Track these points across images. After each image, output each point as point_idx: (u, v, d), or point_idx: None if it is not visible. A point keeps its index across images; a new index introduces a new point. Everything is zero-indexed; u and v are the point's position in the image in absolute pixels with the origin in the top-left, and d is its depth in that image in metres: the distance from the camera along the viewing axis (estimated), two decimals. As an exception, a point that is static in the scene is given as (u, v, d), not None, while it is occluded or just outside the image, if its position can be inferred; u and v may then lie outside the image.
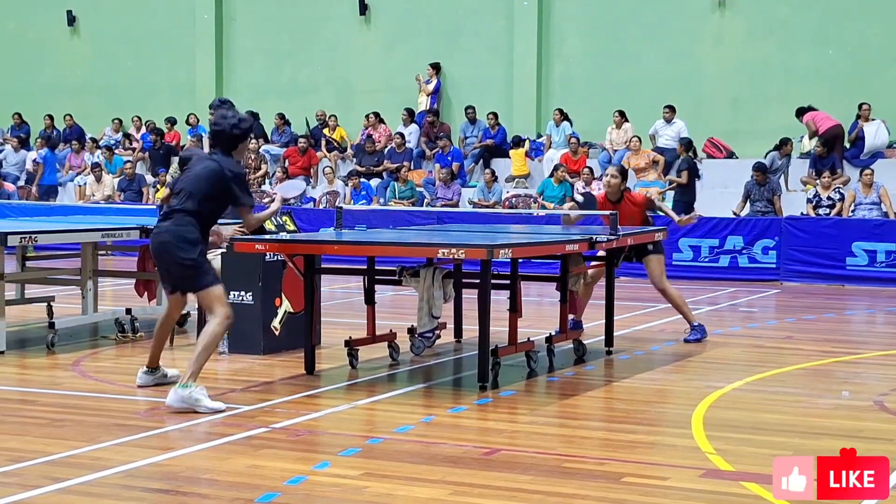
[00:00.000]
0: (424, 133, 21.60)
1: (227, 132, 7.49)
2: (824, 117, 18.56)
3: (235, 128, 7.49)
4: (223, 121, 7.52)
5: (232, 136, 7.49)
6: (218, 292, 7.44)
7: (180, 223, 7.38)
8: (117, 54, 24.99)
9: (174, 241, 7.35)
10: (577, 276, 9.42)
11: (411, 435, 6.62)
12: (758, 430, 6.85)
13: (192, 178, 7.47)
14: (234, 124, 7.49)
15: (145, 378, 7.95)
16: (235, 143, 7.52)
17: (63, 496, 5.32)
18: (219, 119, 7.57)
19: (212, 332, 7.33)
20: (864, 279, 15.87)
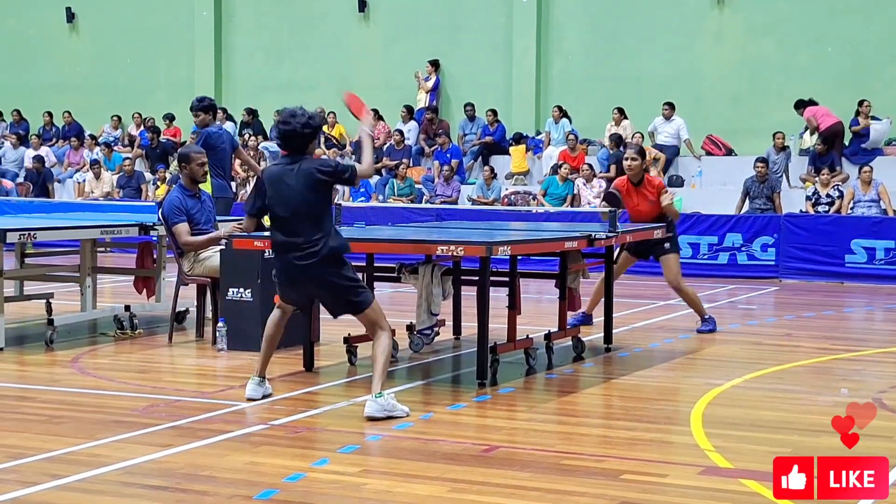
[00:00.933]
0: (423, 130, 21.60)
1: (300, 132, 7.20)
2: (825, 113, 18.54)
3: (307, 126, 7.21)
4: (293, 119, 7.19)
5: (304, 135, 7.21)
6: (378, 307, 7.31)
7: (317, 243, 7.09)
8: (116, 51, 24.99)
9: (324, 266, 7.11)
10: (575, 273, 9.42)
11: (410, 432, 6.62)
12: (757, 427, 6.85)
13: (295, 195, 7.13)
14: (304, 123, 7.20)
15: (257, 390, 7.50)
16: (307, 142, 7.26)
17: (62, 493, 5.32)
18: (288, 118, 7.23)
19: (388, 346, 7.18)
20: (863, 276, 15.88)
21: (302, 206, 7.13)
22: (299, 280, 7.24)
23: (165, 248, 10.78)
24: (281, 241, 7.23)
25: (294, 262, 7.16)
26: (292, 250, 7.16)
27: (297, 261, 7.14)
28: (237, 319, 9.38)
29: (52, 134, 24.69)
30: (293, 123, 7.20)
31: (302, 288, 7.32)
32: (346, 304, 7.27)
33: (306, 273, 7.16)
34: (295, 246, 7.15)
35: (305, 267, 7.13)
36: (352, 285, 7.22)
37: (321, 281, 7.17)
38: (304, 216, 7.13)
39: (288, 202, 7.17)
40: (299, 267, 7.15)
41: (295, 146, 7.25)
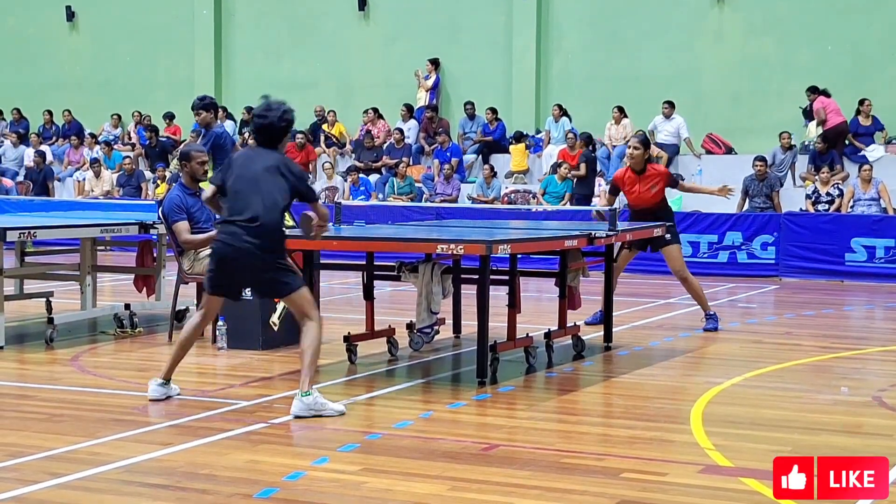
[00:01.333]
0: (423, 129, 21.60)
1: (277, 125, 7.12)
2: (835, 110, 18.47)
3: (283, 120, 7.14)
4: (269, 113, 7.14)
5: (279, 129, 7.14)
6: (309, 295, 7.17)
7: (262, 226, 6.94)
8: (116, 50, 24.99)
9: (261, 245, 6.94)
10: (575, 271, 9.42)
11: (410, 430, 6.62)
12: (757, 425, 6.85)
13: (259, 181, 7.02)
14: (280, 116, 7.13)
15: (161, 391, 7.41)
16: (282, 136, 7.19)
17: (62, 491, 5.32)
18: (264, 111, 7.16)
19: (316, 338, 7.05)
20: (863, 275, 15.88)
21: (260, 185, 7.01)
22: (231, 254, 7.01)
23: (165, 246, 10.78)
24: (228, 214, 7.09)
25: (234, 231, 6.98)
26: (237, 221, 6.99)
27: (238, 229, 6.97)
28: (237, 318, 9.37)
29: (52, 132, 24.69)
30: (270, 116, 7.14)
31: (233, 263, 7.03)
32: (272, 283, 7.09)
33: (241, 244, 6.95)
34: (241, 218, 6.98)
35: (242, 238, 6.95)
36: (281, 266, 7.06)
37: (252, 254, 6.95)
38: (259, 194, 6.98)
39: (247, 178, 7.04)
40: (236, 236, 6.97)
41: (269, 139, 7.17)
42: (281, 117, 7.14)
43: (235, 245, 6.98)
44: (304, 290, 7.13)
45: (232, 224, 7.01)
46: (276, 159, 7.12)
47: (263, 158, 7.13)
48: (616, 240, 9.28)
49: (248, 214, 6.96)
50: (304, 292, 7.12)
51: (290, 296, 7.09)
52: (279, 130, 7.15)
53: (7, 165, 23.37)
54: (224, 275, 7.13)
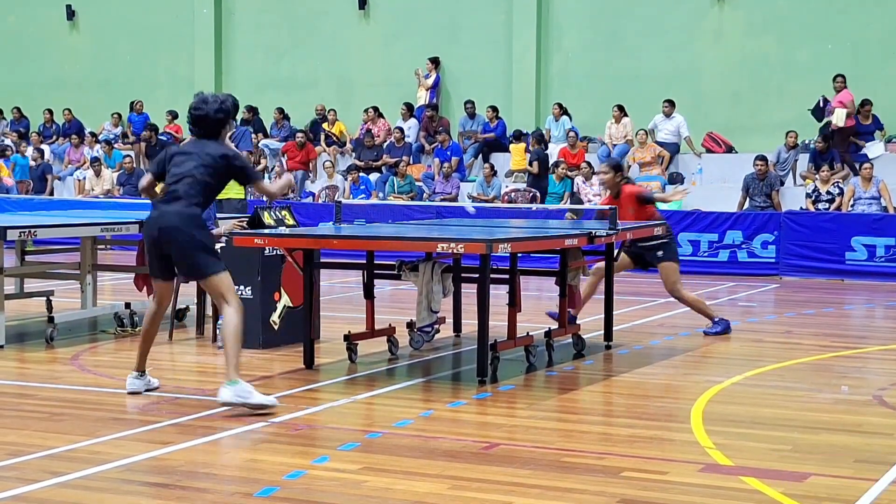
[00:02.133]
0: (423, 127, 21.60)
1: (212, 116, 7.32)
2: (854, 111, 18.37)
3: (219, 111, 7.32)
4: (205, 105, 7.34)
5: (217, 121, 7.32)
6: (228, 280, 7.23)
7: (189, 206, 7.13)
8: (117, 49, 24.99)
9: (186, 222, 7.10)
10: (575, 270, 9.42)
11: (410, 429, 6.62)
12: (757, 424, 6.85)
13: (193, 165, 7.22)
14: (217, 108, 7.32)
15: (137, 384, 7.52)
16: (220, 127, 7.36)
17: (62, 490, 5.32)
18: (199, 104, 7.37)
19: (235, 325, 7.06)
20: (863, 274, 15.88)
21: (189, 169, 7.19)
22: (156, 234, 7.18)
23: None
24: (162, 196, 7.30)
25: (162, 210, 7.18)
26: (167, 202, 7.20)
27: (165, 207, 7.17)
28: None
29: (53, 131, 24.69)
30: (205, 108, 7.32)
31: (158, 241, 7.20)
32: (193, 263, 7.17)
33: (165, 223, 7.14)
34: (172, 198, 7.17)
35: (166, 216, 7.14)
36: (203, 249, 7.14)
37: (175, 231, 7.10)
38: (193, 179, 7.16)
39: (184, 164, 7.24)
40: (162, 215, 7.17)
41: (207, 130, 7.34)
42: (218, 109, 7.32)
43: (160, 224, 7.17)
44: (223, 274, 7.19)
45: (163, 202, 7.25)
46: (212, 147, 7.30)
47: (199, 147, 7.31)
48: (616, 238, 9.27)
49: (178, 193, 7.17)
50: (223, 276, 7.18)
51: (209, 278, 7.18)
52: (215, 122, 7.33)
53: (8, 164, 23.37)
54: (153, 255, 7.31)
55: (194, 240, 7.12)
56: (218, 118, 7.33)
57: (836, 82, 18.31)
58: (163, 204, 7.26)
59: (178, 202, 7.17)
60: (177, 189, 7.21)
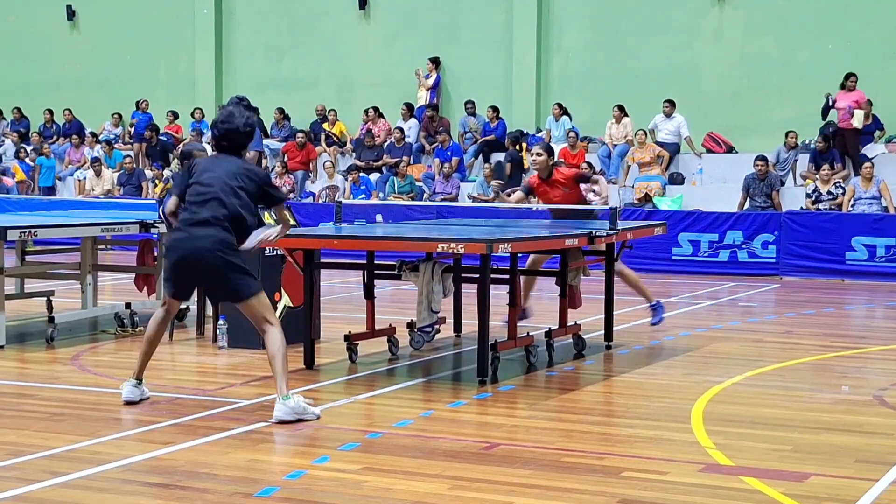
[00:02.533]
0: (424, 128, 21.60)
1: (241, 130, 7.08)
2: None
3: (246, 125, 7.10)
4: (234, 119, 7.07)
5: (244, 133, 7.10)
6: (266, 300, 7.06)
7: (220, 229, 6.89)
8: (117, 49, 24.99)
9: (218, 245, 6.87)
10: (576, 270, 9.42)
11: (410, 429, 6.62)
12: (757, 424, 6.85)
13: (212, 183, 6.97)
14: (245, 122, 7.10)
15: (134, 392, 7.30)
16: (246, 142, 7.15)
17: (62, 490, 5.32)
18: (226, 117, 7.08)
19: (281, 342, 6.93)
20: (863, 274, 15.88)
21: (219, 188, 6.93)
22: (189, 255, 6.93)
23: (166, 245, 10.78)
24: (187, 217, 7.00)
25: (193, 232, 6.91)
26: (196, 224, 6.92)
27: (197, 229, 6.90)
28: (238, 317, 9.32)
29: (53, 132, 24.69)
30: (235, 122, 7.06)
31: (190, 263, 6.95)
32: (229, 286, 6.96)
33: (199, 245, 6.88)
34: (199, 218, 6.91)
35: (199, 238, 6.88)
36: (240, 270, 6.94)
37: (208, 257, 6.88)
38: (218, 197, 6.90)
39: (207, 183, 6.97)
40: (194, 237, 6.91)
41: (233, 145, 7.11)
42: (245, 123, 7.08)
43: (193, 245, 6.90)
44: (262, 295, 7.01)
45: (191, 225, 6.94)
46: (238, 165, 7.05)
47: (225, 165, 7.04)
48: (617, 239, 9.28)
49: (207, 215, 6.89)
50: (262, 297, 7.01)
51: (248, 300, 6.96)
52: (243, 136, 7.09)
53: (8, 165, 23.37)
54: (180, 276, 7.05)
55: (228, 263, 6.89)
56: (245, 132, 7.09)
57: (850, 81, 18.26)
58: (192, 227, 6.96)
59: (209, 226, 6.89)
60: (205, 209, 6.92)
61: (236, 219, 6.94)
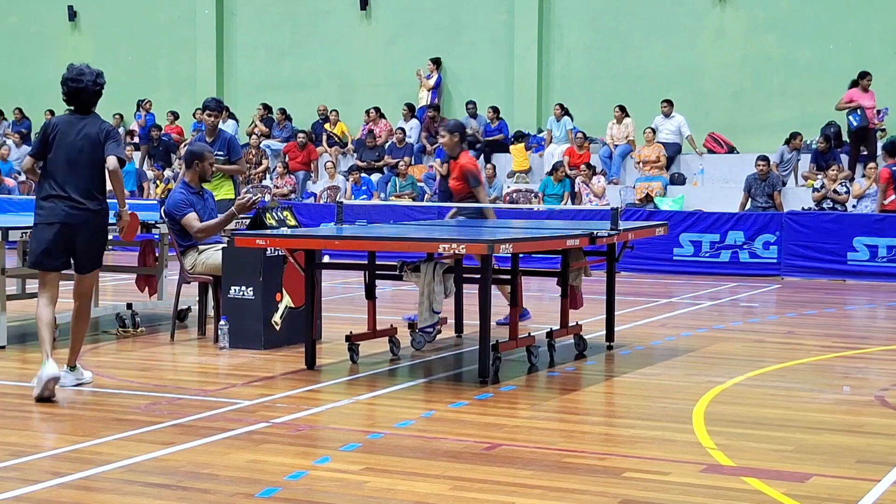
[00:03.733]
0: (425, 128, 21.60)
1: (91, 88, 7.57)
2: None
3: (96, 83, 7.58)
4: (83, 77, 7.55)
5: (94, 92, 7.60)
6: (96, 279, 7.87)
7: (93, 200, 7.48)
8: (118, 49, 25.00)
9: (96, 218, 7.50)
10: (577, 271, 9.41)
11: (412, 430, 6.62)
12: (759, 425, 6.84)
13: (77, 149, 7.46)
14: (94, 80, 7.57)
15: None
16: (96, 100, 7.63)
17: (64, 491, 5.32)
18: (77, 75, 7.56)
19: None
20: (865, 274, 15.87)
21: (80, 160, 7.42)
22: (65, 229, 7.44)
23: (167, 245, 10.78)
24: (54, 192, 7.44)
25: (66, 211, 7.41)
26: (66, 201, 7.41)
27: (70, 210, 7.41)
28: (239, 317, 9.38)
29: (54, 132, 24.66)
30: (84, 80, 7.52)
31: (67, 236, 7.46)
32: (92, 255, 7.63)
33: (79, 217, 7.43)
34: (68, 198, 7.40)
35: (78, 210, 7.42)
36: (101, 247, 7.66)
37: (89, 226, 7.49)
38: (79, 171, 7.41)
39: (67, 148, 7.44)
40: (71, 215, 7.41)
41: (83, 103, 7.57)
42: (95, 81, 7.58)
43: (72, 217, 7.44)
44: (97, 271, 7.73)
45: (64, 199, 7.42)
46: (94, 125, 7.53)
47: (81, 126, 7.52)
48: (618, 239, 9.27)
49: (78, 190, 7.42)
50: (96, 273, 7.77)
51: (92, 272, 7.66)
52: (93, 94, 7.59)
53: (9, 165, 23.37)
54: (60, 246, 7.52)
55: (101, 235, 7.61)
56: (96, 90, 7.61)
57: (865, 80, 18.25)
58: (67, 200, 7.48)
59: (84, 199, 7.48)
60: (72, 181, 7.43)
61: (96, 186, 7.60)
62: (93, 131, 7.49)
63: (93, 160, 7.47)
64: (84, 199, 7.45)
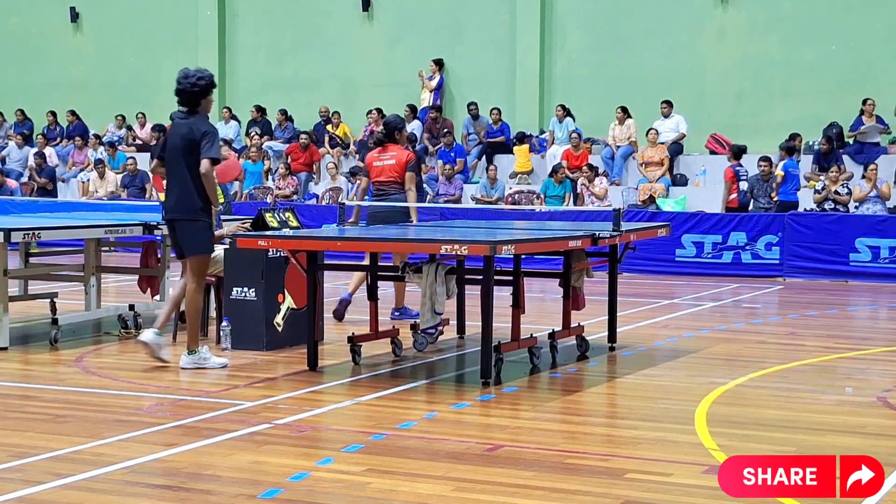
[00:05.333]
0: (427, 129, 21.60)
1: (189, 90, 8.32)
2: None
3: (195, 85, 8.31)
4: (184, 80, 8.34)
5: (193, 93, 8.32)
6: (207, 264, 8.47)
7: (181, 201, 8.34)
8: (120, 50, 25.00)
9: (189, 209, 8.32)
10: (579, 272, 9.41)
11: (414, 431, 6.62)
12: (761, 426, 6.84)
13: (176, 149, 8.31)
14: (193, 82, 8.32)
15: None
16: (198, 98, 8.34)
17: (66, 492, 5.33)
18: (180, 78, 8.36)
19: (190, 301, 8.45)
20: (867, 275, 15.85)
21: (175, 156, 8.31)
22: (169, 225, 8.49)
23: (169, 247, 10.78)
24: (166, 189, 8.54)
25: (168, 209, 8.49)
26: (169, 197, 8.45)
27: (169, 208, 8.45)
28: (241, 318, 9.38)
29: (56, 133, 24.70)
30: (184, 83, 8.36)
31: (171, 230, 8.51)
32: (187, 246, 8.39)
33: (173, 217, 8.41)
34: (171, 194, 8.41)
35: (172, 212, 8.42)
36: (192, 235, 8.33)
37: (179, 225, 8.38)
38: (176, 166, 8.32)
39: (170, 154, 8.39)
40: (168, 211, 8.46)
41: (185, 103, 8.40)
42: (194, 83, 8.35)
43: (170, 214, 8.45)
44: (207, 256, 8.42)
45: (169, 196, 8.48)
46: (191, 125, 8.30)
47: (182, 126, 8.34)
48: (620, 240, 9.27)
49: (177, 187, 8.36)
50: (206, 258, 8.41)
51: (192, 256, 8.34)
52: (192, 94, 8.35)
53: (11, 167, 23.39)
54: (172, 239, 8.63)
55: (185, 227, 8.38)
56: (195, 91, 8.37)
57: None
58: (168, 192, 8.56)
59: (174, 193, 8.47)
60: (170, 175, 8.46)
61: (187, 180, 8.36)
62: (187, 131, 8.27)
63: (186, 158, 8.25)
64: (180, 196, 8.31)
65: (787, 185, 17.09)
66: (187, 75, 8.37)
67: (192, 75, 8.36)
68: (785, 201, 16.99)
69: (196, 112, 8.37)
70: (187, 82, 8.34)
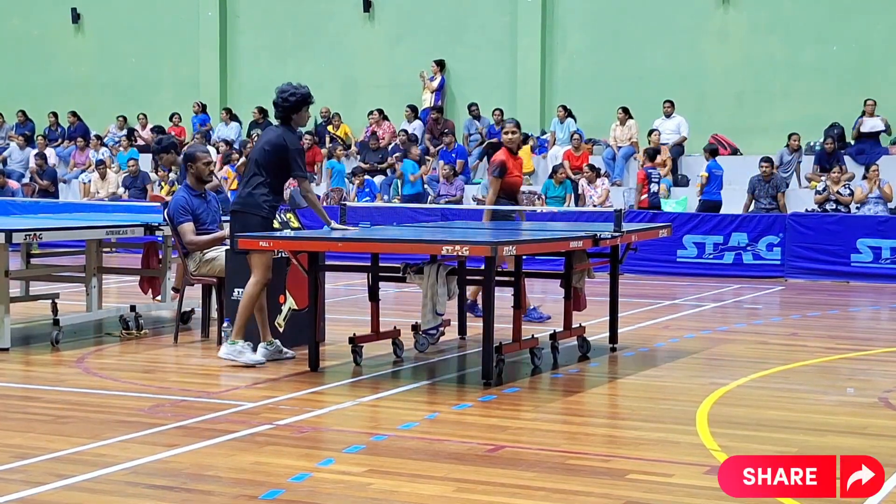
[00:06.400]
0: (428, 130, 21.60)
1: (279, 104, 8.67)
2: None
3: (285, 100, 8.63)
4: (279, 94, 8.69)
5: (283, 108, 8.65)
6: (269, 261, 8.57)
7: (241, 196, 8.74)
8: (121, 52, 25.02)
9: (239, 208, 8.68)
10: (581, 272, 9.41)
11: (415, 432, 6.62)
12: (762, 426, 6.84)
13: (258, 149, 8.75)
14: (285, 97, 8.64)
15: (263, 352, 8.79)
16: (289, 112, 8.66)
17: (67, 493, 5.33)
18: (276, 92, 8.73)
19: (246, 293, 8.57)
20: (868, 276, 15.85)
21: (255, 156, 8.75)
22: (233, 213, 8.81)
23: (171, 248, 10.79)
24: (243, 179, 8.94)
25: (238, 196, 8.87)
26: (242, 187, 8.86)
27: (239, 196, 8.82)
28: (242, 319, 9.36)
29: (58, 134, 24.72)
30: (277, 97, 8.72)
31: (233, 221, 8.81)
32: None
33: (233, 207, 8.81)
34: (243, 185, 8.84)
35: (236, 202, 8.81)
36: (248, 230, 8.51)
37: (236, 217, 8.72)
38: (254, 166, 8.70)
39: (255, 151, 8.83)
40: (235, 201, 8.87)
41: (279, 115, 8.75)
42: (285, 98, 8.68)
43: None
44: (268, 253, 8.53)
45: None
46: (279, 133, 8.70)
47: (271, 132, 8.82)
48: (621, 241, 9.27)
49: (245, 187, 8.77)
50: (265, 256, 8.52)
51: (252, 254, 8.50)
52: (282, 108, 8.69)
53: (13, 168, 23.40)
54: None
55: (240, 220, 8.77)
56: (285, 106, 8.69)
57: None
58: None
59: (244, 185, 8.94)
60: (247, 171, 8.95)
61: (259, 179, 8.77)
62: (275, 137, 8.69)
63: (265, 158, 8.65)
64: (250, 192, 8.67)
65: (710, 185, 17.74)
66: (282, 90, 8.67)
67: (286, 91, 8.66)
68: (707, 200, 17.60)
69: (288, 124, 8.73)
70: (280, 97, 8.67)
